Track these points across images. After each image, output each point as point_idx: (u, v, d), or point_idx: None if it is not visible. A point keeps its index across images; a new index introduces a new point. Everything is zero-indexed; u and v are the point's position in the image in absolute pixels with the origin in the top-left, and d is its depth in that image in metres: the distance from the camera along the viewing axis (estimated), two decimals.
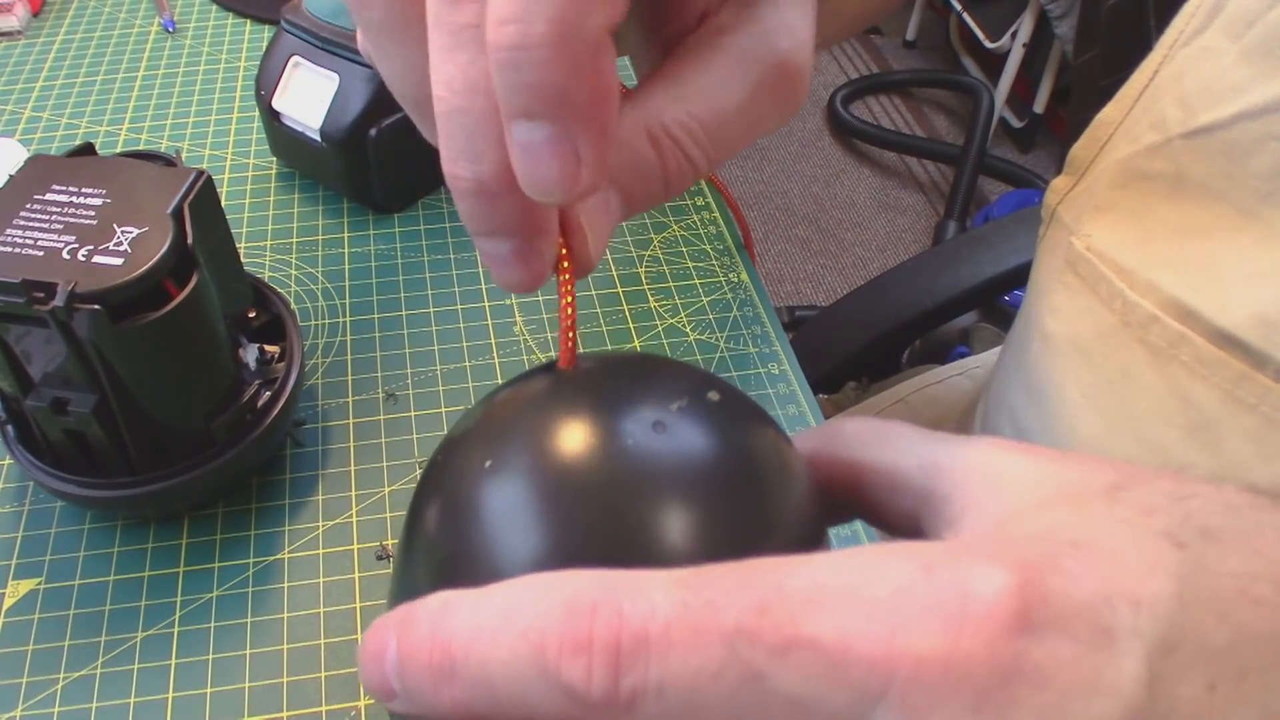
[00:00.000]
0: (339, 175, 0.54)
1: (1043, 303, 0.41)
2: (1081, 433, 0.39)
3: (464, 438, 0.24)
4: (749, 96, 0.23)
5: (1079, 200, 0.39)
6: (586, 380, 0.24)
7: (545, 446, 0.22)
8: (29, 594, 0.38)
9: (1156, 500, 0.20)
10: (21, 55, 0.67)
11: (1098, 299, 0.37)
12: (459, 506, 0.22)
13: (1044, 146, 2.06)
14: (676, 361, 0.26)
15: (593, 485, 0.21)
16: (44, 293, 0.32)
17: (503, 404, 0.24)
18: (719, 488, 0.22)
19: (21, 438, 0.38)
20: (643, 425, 0.22)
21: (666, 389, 0.23)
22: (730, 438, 0.23)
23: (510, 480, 0.22)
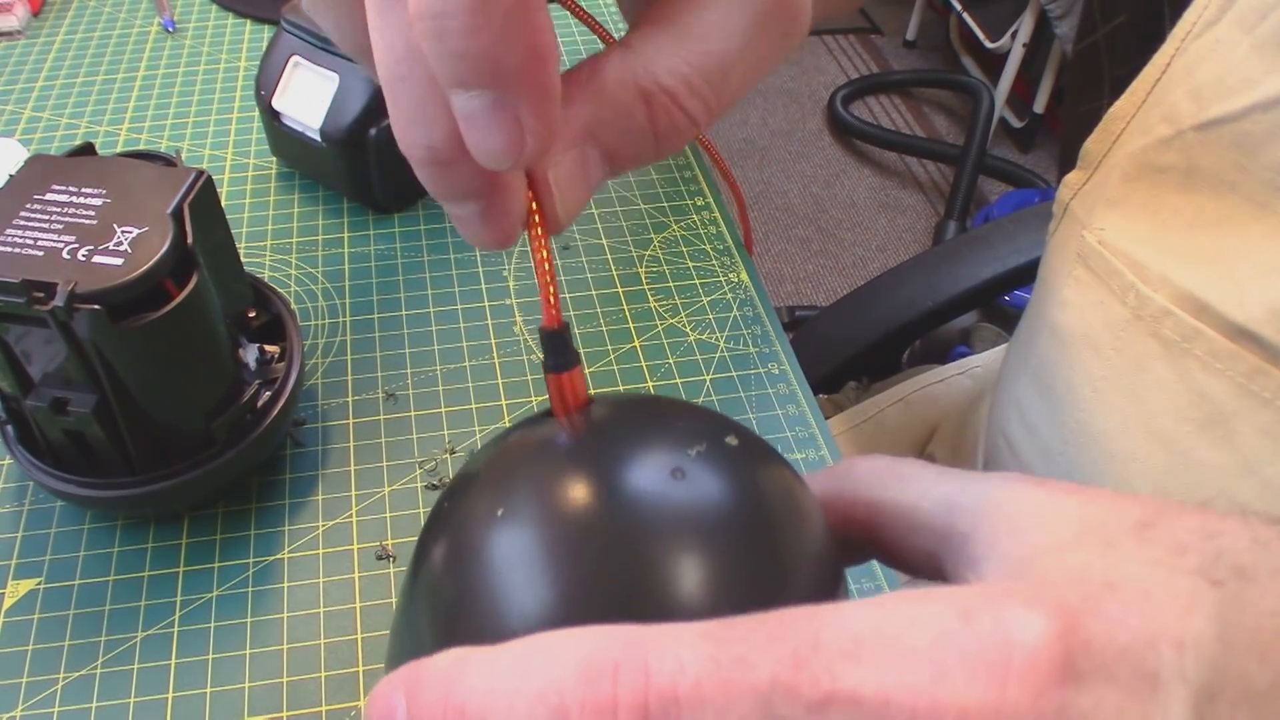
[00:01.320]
0: (339, 175, 0.54)
1: (1053, 297, 0.41)
2: (1092, 427, 0.39)
3: (474, 483, 0.23)
4: (752, 33, 0.22)
5: (1091, 194, 0.39)
6: (602, 424, 0.24)
7: (561, 493, 0.21)
8: (29, 594, 0.38)
9: (1186, 538, 0.19)
10: (21, 55, 0.67)
11: (1110, 293, 0.37)
12: (469, 554, 0.21)
13: (1044, 146, 2.06)
14: (691, 404, 0.25)
15: (611, 533, 0.20)
16: (44, 293, 0.32)
17: (514, 448, 0.24)
18: (739, 535, 0.21)
19: (21, 438, 0.38)
20: (662, 471, 0.21)
21: (684, 433, 0.22)
22: (749, 483, 0.22)
23: (524, 528, 0.21)
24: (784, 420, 0.46)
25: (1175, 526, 0.20)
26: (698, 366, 0.48)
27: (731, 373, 0.48)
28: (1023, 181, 1.89)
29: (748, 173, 1.99)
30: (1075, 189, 0.41)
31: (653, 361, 0.48)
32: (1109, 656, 0.17)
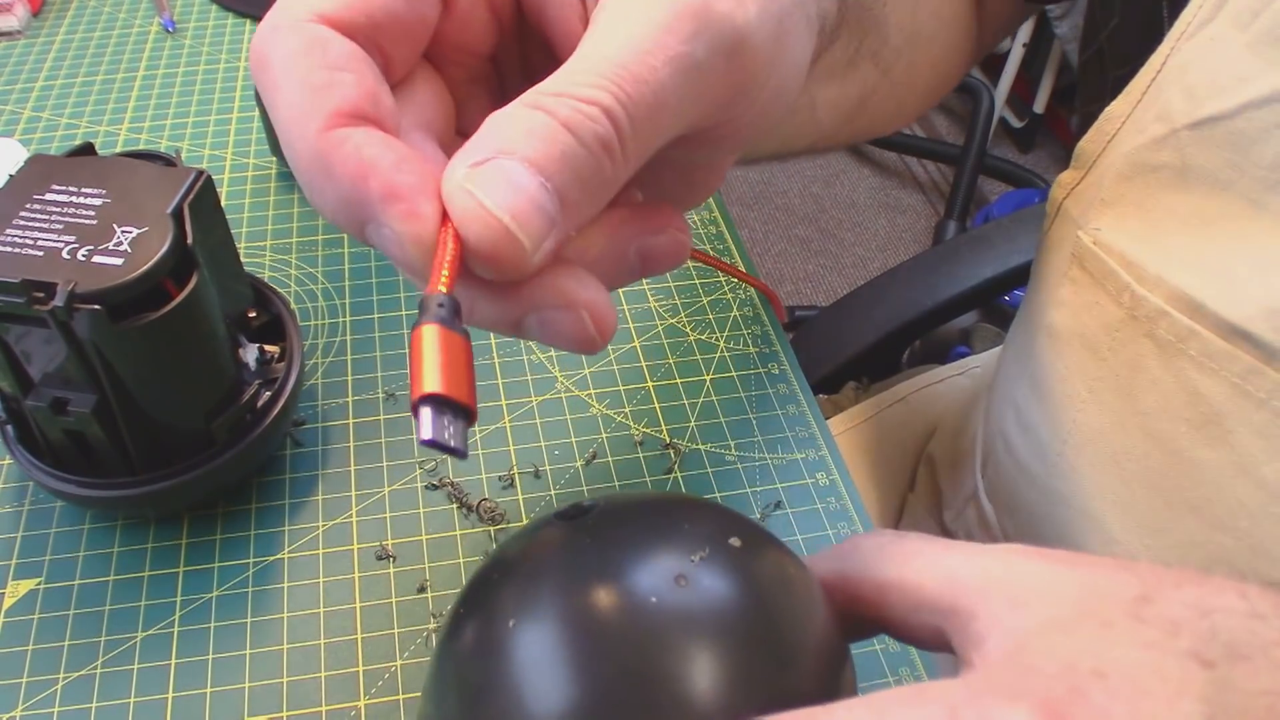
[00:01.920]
0: None
1: (1048, 297, 0.41)
2: (1088, 427, 0.39)
3: (491, 588, 0.24)
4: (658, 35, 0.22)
5: (1086, 194, 0.39)
6: (604, 531, 0.24)
7: (567, 606, 0.22)
8: (29, 594, 0.38)
9: (1181, 613, 0.20)
10: (21, 55, 0.67)
11: (1105, 293, 0.37)
12: (488, 653, 0.22)
13: (1044, 146, 2.06)
14: (695, 502, 0.26)
15: (618, 643, 0.21)
16: (44, 293, 0.32)
17: (522, 558, 0.24)
18: (743, 636, 0.22)
19: (21, 438, 0.38)
20: (665, 580, 0.22)
21: (688, 538, 0.23)
22: (749, 584, 0.23)
23: (532, 640, 0.22)
24: (784, 420, 0.46)
25: (1172, 601, 0.20)
26: (698, 366, 0.48)
27: (731, 373, 0.48)
28: (1023, 181, 1.89)
29: (747, 173, 1.99)
30: (1069, 189, 0.41)
31: (652, 361, 0.48)
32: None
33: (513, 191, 0.21)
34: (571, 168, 0.21)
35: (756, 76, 0.24)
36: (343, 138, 0.21)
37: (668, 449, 0.44)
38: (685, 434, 0.45)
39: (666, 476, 0.43)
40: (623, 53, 0.22)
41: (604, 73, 0.21)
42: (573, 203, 0.22)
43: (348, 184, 0.21)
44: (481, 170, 0.21)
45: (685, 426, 0.45)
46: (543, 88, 0.22)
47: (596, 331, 0.23)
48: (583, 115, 0.21)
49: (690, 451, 0.44)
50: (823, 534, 0.41)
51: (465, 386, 0.21)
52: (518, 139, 0.21)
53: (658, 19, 0.22)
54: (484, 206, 0.21)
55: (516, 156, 0.21)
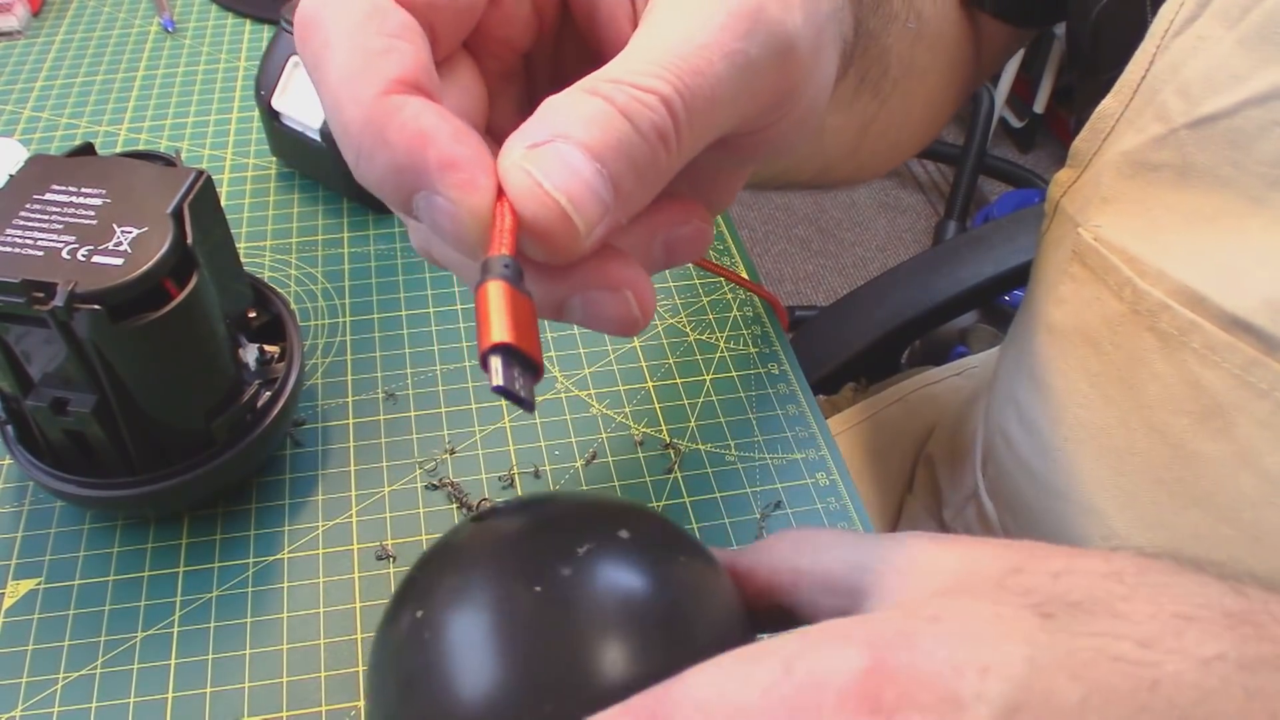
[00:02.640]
0: (339, 175, 0.54)
1: (1048, 295, 0.41)
2: (1090, 423, 0.39)
3: (405, 589, 0.27)
4: (708, 29, 0.22)
5: (1083, 192, 0.39)
6: (505, 530, 0.26)
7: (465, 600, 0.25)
8: (29, 594, 0.38)
9: (1040, 580, 0.21)
10: (21, 55, 0.67)
11: (1106, 288, 0.37)
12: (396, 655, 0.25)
13: (1044, 146, 2.06)
14: (601, 502, 0.28)
15: (506, 633, 0.23)
16: (44, 293, 0.32)
17: (437, 556, 0.27)
18: (627, 624, 0.23)
19: (21, 438, 0.38)
20: (551, 572, 0.24)
21: (579, 534, 0.25)
22: (632, 574, 0.25)
23: (436, 629, 0.24)
24: (784, 420, 0.46)
25: (1038, 571, 0.22)
26: (698, 366, 0.48)
27: (731, 373, 0.48)
28: (1023, 181, 1.89)
29: None
30: (1065, 187, 0.41)
31: (653, 361, 0.48)
32: (914, 684, 0.18)
33: (570, 174, 0.21)
34: (627, 155, 0.21)
35: (800, 82, 0.24)
36: (400, 104, 0.21)
37: (668, 449, 0.44)
38: (685, 434, 0.45)
39: (666, 476, 0.43)
40: (681, 45, 0.22)
41: (663, 63, 0.22)
42: (626, 191, 0.22)
43: (402, 150, 0.21)
44: (540, 151, 0.21)
45: (685, 426, 0.45)
46: (601, 74, 0.22)
47: (640, 312, 0.24)
48: (641, 104, 0.21)
49: (690, 451, 0.44)
50: None
51: (534, 342, 0.21)
52: (575, 124, 0.21)
53: (714, 16, 0.22)
54: (541, 186, 0.21)
55: (574, 141, 0.21)
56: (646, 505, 0.29)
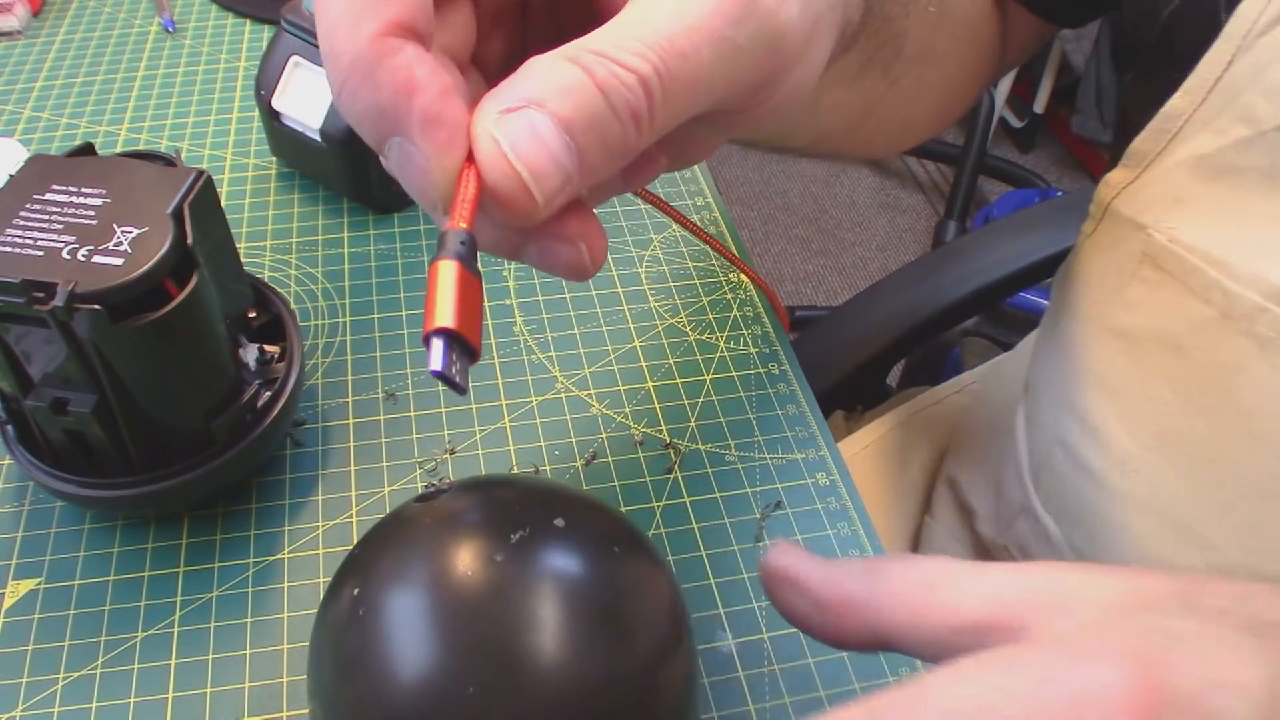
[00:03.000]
0: (339, 175, 0.54)
1: (1111, 298, 0.40)
2: (1176, 432, 0.38)
3: (344, 569, 0.28)
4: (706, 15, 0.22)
5: (1144, 193, 0.38)
6: (447, 513, 0.27)
7: (397, 579, 0.26)
8: (29, 594, 0.38)
9: (1222, 602, 0.21)
10: (21, 55, 0.67)
11: (1189, 292, 0.36)
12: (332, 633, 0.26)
13: (1044, 146, 2.06)
14: (542, 486, 0.29)
15: (436, 614, 0.25)
16: (44, 293, 0.32)
17: (376, 536, 0.28)
18: (553, 610, 0.24)
19: (21, 438, 0.38)
20: (483, 557, 0.25)
21: (515, 520, 0.26)
22: (569, 561, 0.26)
23: (373, 611, 0.25)
24: (784, 420, 0.46)
25: (1211, 594, 0.21)
26: (698, 366, 0.48)
27: (731, 373, 0.48)
28: (1023, 181, 1.89)
29: (747, 173, 1.99)
30: (1118, 188, 0.40)
31: (653, 361, 0.48)
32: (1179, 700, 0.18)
33: (536, 145, 0.21)
34: (597, 131, 0.22)
35: (785, 71, 0.24)
36: (395, 47, 0.21)
37: (668, 449, 0.44)
38: (685, 434, 0.45)
39: (666, 476, 0.43)
40: (669, 24, 0.22)
41: (648, 41, 0.22)
42: (591, 165, 0.22)
43: (388, 93, 0.21)
44: (510, 118, 0.21)
45: (685, 426, 0.45)
46: (584, 43, 0.22)
47: (591, 261, 0.24)
48: (619, 81, 0.21)
49: (690, 451, 0.44)
50: (823, 534, 0.41)
51: (475, 326, 0.22)
52: (551, 92, 0.21)
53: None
54: (505, 157, 0.21)
55: (546, 110, 0.21)
56: (595, 497, 0.30)
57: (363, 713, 0.25)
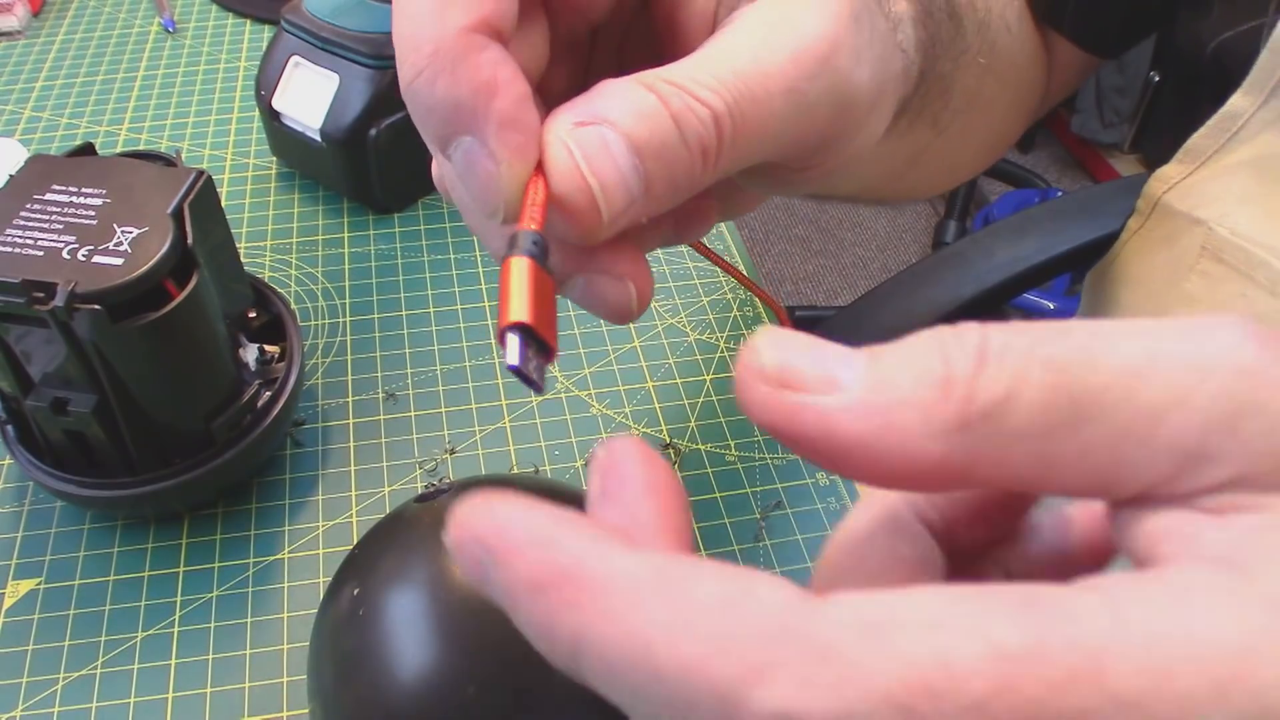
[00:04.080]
0: (339, 175, 0.54)
1: (1168, 293, 0.40)
2: None
3: (345, 569, 0.29)
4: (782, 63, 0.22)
5: (1201, 189, 0.39)
6: (443, 515, 0.28)
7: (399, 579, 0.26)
8: (29, 594, 0.38)
9: None
10: (21, 55, 0.67)
11: (1254, 284, 0.37)
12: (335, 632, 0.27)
13: (1044, 146, 2.06)
14: (537, 486, 0.29)
15: (435, 619, 0.25)
16: (44, 293, 0.32)
17: (379, 535, 0.28)
18: None
19: (21, 438, 0.38)
20: None
21: None
22: None
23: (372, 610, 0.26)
24: None
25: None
26: (698, 366, 0.48)
27: (732, 373, 0.48)
28: (1023, 181, 1.89)
29: None
30: (1171, 182, 0.40)
31: (653, 361, 0.48)
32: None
33: (608, 161, 0.21)
34: (666, 159, 0.21)
35: (848, 134, 0.24)
36: (481, 44, 0.21)
37: (668, 449, 0.44)
38: (685, 434, 0.45)
39: None
40: (746, 66, 0.22)
41: (724, 79, 0.22)
42: (656, 193, 0.22)
43: (467, 90, 0.21)
44: (585, 131, 0.21)
45: (685, 426, 0.45)
46: (662, 73, 0.22)
47: (637, 304, 0.24)
48: (693, 114, 0.21)
49: (690, 451, 0.44)
50: (823, 534, 0.41)
51: (551, 324, 0.21)
52: (625, 113, 0.21)
53: (787, 48, 0.22)
54: (578, 166, 0.21)
55: (620, 129, 0.21)
56: None
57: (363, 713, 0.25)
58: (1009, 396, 0.14)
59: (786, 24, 0.23)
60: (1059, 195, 1.47)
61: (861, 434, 0.15)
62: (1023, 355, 0.14)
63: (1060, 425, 0.14)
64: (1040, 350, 0.14)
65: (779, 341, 0.16)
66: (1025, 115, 0.51)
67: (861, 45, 0.24)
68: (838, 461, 0.15)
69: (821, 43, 0.23)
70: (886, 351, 0.15)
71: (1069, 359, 0.14)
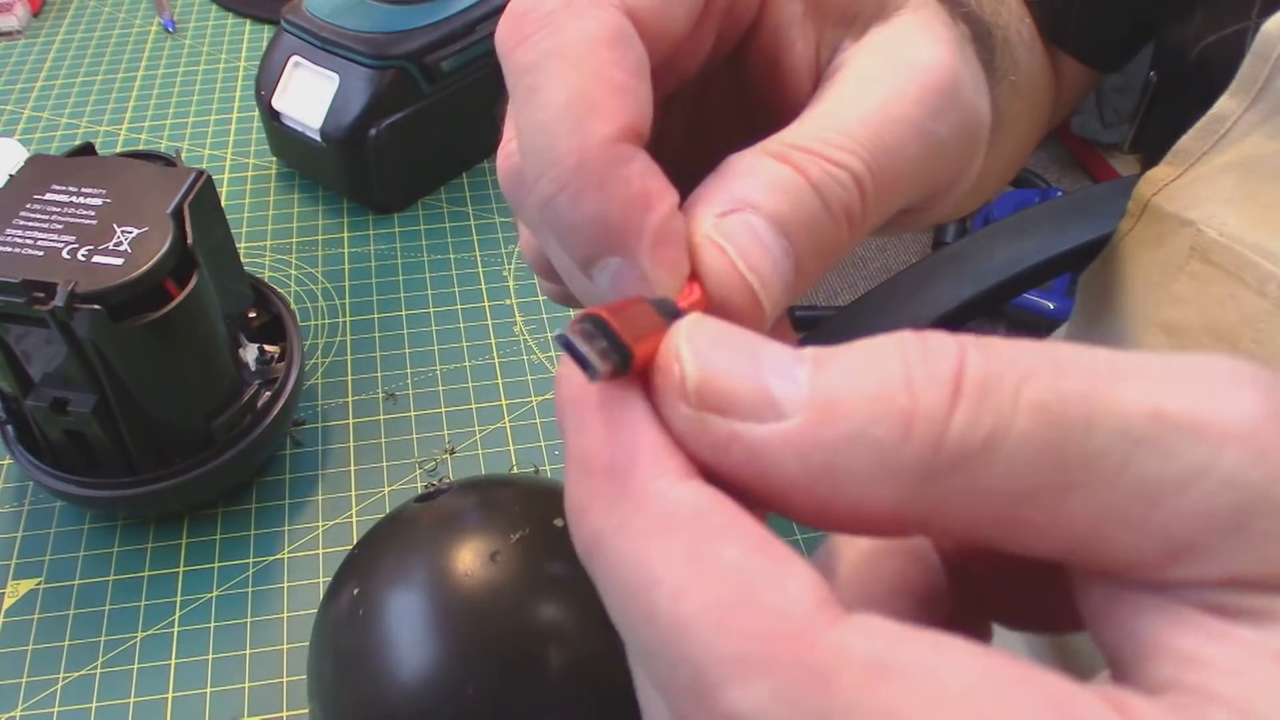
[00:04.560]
0: (339, 175, 0.54)
1: (1158, 294, 0.40)
2: None
3: (345, 569, 0.29)
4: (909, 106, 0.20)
5: (1189, 190, 0.39)
6: (447, 513, 0.28)
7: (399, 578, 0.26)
8: (29, 594, 0.38)
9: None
10: (21, 55, 0.67)
11: (1242, 285, 0.37)
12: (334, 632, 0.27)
13: (1044, 147, 2.06)
14: (537, 487, 0.30)
15: (435, 612, 0.25)
16: (44, 293, 0.32)
17: (379, 536, 0.29)
18: (552, 611, 0.25)
19: (21, 438, 0.38)
20: (481, 556, 0.26)
21: (515, 519, 0.27)
22: (566, 562, 0.26)
23: (372, 609, 0.26)
24: None
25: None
26: None
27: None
28: (1023, 181, 1.89)
29: None
30: (1160, 184, 0.40)
31: None
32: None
33: (761, 252, 0.19)
34: (814, 234, 0.19)
35: (974, 167, 0.23)
36: (629, 155, 0.18)
37: None
38: None
39: None
40: (874, 117, 0.20)
41: (855, 136, 0.20)
42: (806, 270, 0.20)
43: (618, 206, 0.18)
44: (729, 222, 0.19)
45: None
46: (788, 138, 0.20)
47: None
48: (833, 180, 0.20)
49: None
50: (823, 533, 0.41)
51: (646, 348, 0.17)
52: (764, 192, 0.19)
53: (907, 90, 0.21)
54: (736, 267, 0.19)
55: (763, 213, 0.19)
56: None
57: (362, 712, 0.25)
58: (985, 448, 0.12)
59: (904, 62, 0.21)
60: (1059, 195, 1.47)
61: (799, 478, 0.13)
62: (1008, 395, 0.13)
63: (1042, 490, 0.12)
64: (1029, 391, 0.13)
65: (704, 343, 0.14)
66: (1038, 132, 0.51)
67: (975, 71, 0.23)
68: (772, 504, 0.14)
69: (944, 77, 0.21)
70: (837, 359, 0.14)
71: (1063, 410, 0.12)
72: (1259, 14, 0.35)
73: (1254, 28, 0.36)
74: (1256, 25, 0.35)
